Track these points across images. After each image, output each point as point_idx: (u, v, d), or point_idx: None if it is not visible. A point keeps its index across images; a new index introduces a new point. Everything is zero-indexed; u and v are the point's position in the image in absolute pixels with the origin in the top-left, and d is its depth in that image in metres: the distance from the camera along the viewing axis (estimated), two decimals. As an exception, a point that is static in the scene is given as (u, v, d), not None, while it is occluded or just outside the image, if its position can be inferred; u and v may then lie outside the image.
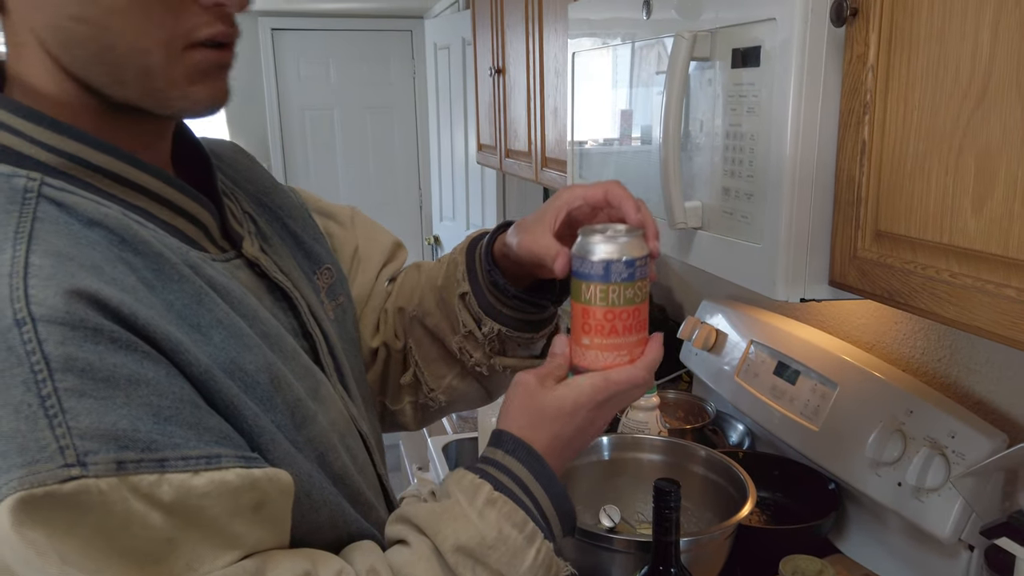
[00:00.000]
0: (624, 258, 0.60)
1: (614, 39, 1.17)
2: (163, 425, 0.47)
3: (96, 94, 0.55)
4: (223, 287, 0.57)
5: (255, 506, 0.51)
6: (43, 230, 0.49)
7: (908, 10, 0.64)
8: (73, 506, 0.44)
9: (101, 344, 0.46)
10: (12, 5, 0.52)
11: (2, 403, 0.44)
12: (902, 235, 0.67)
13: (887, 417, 1.06)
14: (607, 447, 1.21)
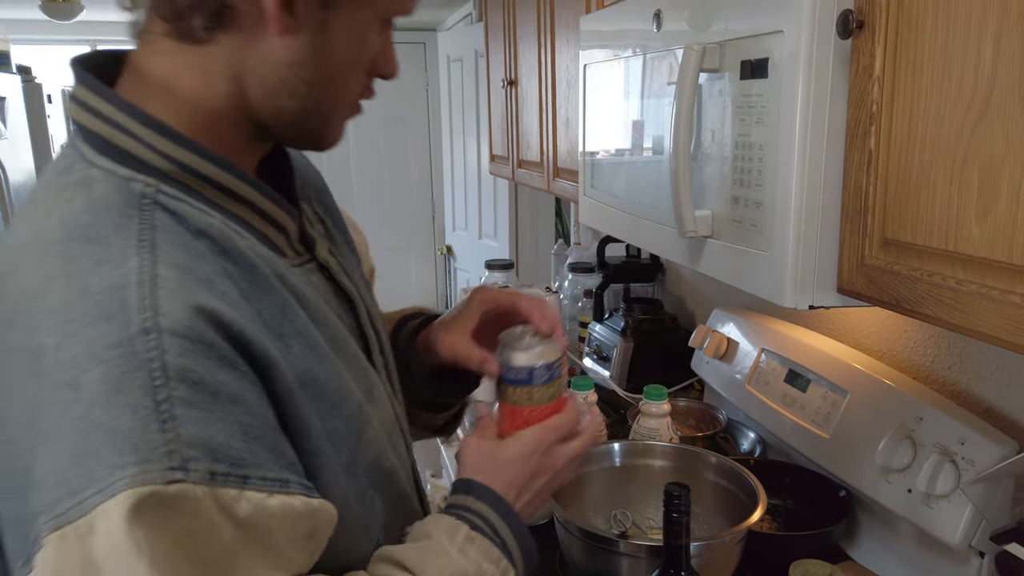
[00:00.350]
0: (542, 363, 0.71)
1: (625, 51, 1.19)
2: (250, 444, 0.50)
3: (254, 126, 0.61)
4: (303, 295, 0.61)
5: (308, 534, 0.54)
6: (163, 240, 0.52)
7: (912, 24, 0.66)
8: (171, 508, 0.46)
9: (212, 360, 0.50)
10: (228, 46, 0.57)
11: (121, 403, 0.47)
12: (908, 243, 0.69)
13: (897, 424, 1.07)
14: (618, 453, 1.22)
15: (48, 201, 0.55)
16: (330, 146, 0.65)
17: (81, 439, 0.46)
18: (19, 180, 2.95)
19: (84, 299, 0.49)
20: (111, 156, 0.56)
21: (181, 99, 0.58)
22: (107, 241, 0.52)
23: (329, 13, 0.58)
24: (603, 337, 1.90)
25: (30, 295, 0.50)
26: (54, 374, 0.48)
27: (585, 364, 1.95)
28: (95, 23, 4.47)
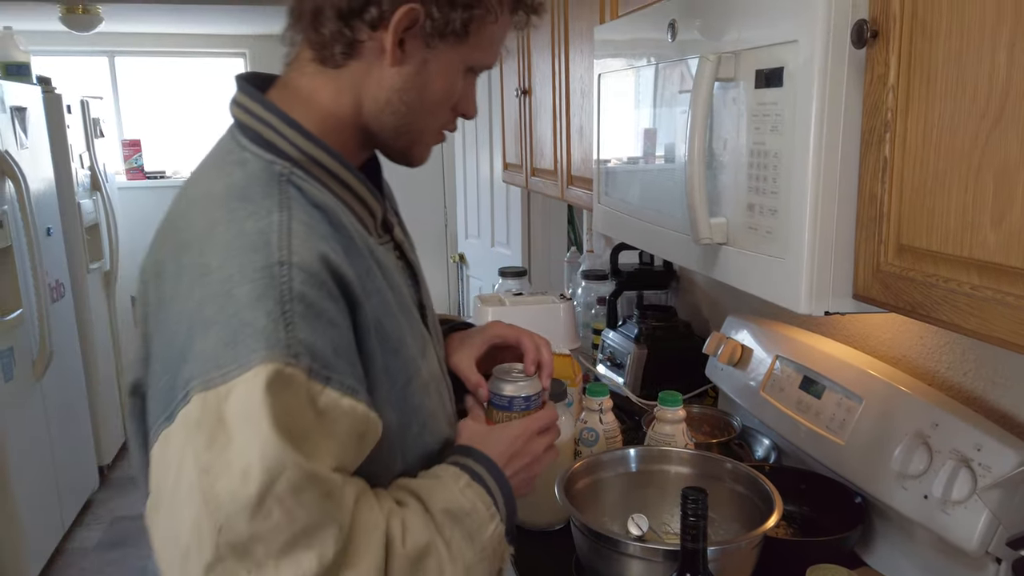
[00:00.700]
0: (522, 395, 0.89)
1: (639, 60, 1.20)
2: (337, 357, 0.68)
3: (365, 135, 0.81)
4: (383, 265, 0.79)
5: (361, 435, 0.71)
6: (296, 205, 0.72)
7: (926, 33, 0.67)
8: (284, 385, 0.64)
9: (323, 292, 0.68)
10: (354, 70, 0.77)
11: (261, 308, 0.65)
12: (924, 249, 0.69)
13: (913, 430, 1.07)
14: (634, 459, 1.23)
15: (213, 172, 0.76)
16: (417, 163, 0.86)
17: (230, 330, 0.64)
18: (39, 189, 2.99)
19: (240, 237, 0.68)
20: (260, 145, 0.76)
21: (317, 108, 0.78)
22: (257, 201, 0.71)
23: (430, 54, 0.77)
24: (617, 344, 1.90)
25: (201, 230, 0.70)
26: (215, 285, 0.66)
27: (599, 371, 1.95)
28: (113, 34, 4.54)
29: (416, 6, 0.73)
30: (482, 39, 0.79)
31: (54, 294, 3.09)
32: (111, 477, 3.70)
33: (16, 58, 3.24)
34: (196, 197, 0.75)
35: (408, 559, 0.71)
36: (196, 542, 0.63)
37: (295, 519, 0.64)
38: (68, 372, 3.21)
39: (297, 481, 0.63)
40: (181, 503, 0.64)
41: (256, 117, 0.77)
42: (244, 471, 0.62)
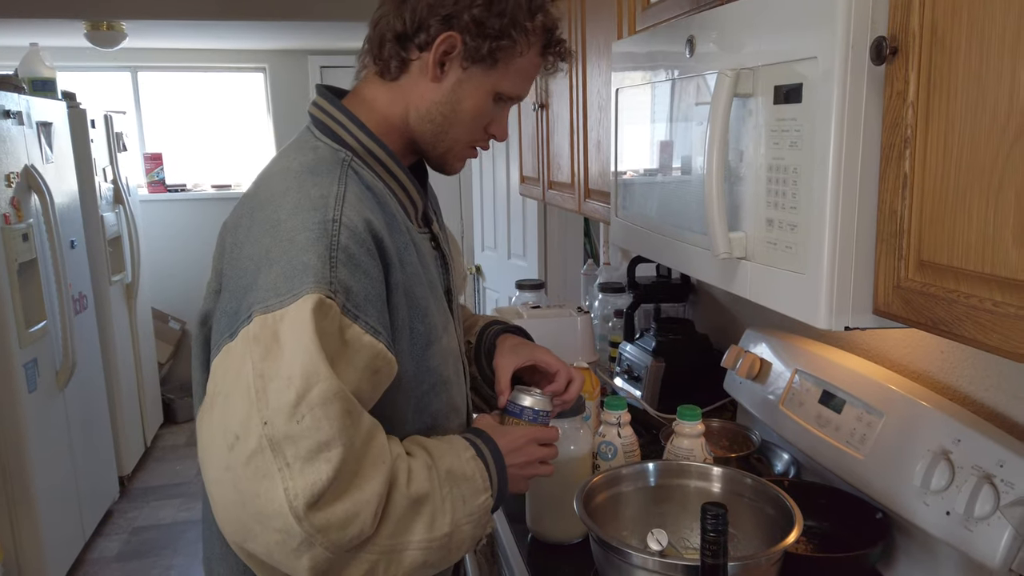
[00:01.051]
0: (533, 408, 1.06)
1: (657, 75, 1.21)
2: (367, 302, 0.84)
3: (410, 138, 0.98)
4: (419, 246, 0.96)
5: (376, 369, 0.85)
6: (352, 182, 0.89)
7: (946, 50, 0.67)
8: (325, 312, 0.79)
9: (363, 248, 0.84)
10: (405, 83, 0.96)
11: (314, 251, 0.81)
12: (945, 265, 0.69)
13: (934, 446, 1.06)
14: (653, 473, 1.23)
15: (292, 153, 0.94)
16: (451, 171, 1.02)
17: (290, 267, 0.81)
18: (63, 202, 3.04)
19: (306, 199, 0.85)
20: (330, 137, 0.95)
21: (376, 111, 0.97)
22: (323, 176, 0.88)
23: (464, 76, 0.94)
24: (634, 357, 1.90)
25: (276, 193, 0.88)
26: (282, 233, 0.83)
27: (616, 384, 1.95)
28: (136, 50, 4.61)
29: (455, 35, 0.91)
30: (510, 69, 0.95)
31: (77, 306, 3.13)
32: (131, 487, 3.73)
33: (42, 74, 3.31)
34: (276, 171, 0.92)
35: (409, 499, 0.84)
36: (244, 432, 0.77)
37: (320, 428, 0.77)
38: (90, 383, 3.25)
39: (327, 392, 0.77)
40: (238, 400, 0.78)
41: (329, 115, 0.96)
42: (289, 377, 0.77)
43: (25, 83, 3.18)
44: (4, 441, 2.59)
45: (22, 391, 2.60)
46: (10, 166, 2.61)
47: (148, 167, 4.92)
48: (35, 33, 3.88)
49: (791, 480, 1.39)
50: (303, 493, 0.76)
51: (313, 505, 0.76)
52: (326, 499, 0.77)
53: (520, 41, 0.93)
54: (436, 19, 0.91)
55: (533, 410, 1.05)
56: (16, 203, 2.64)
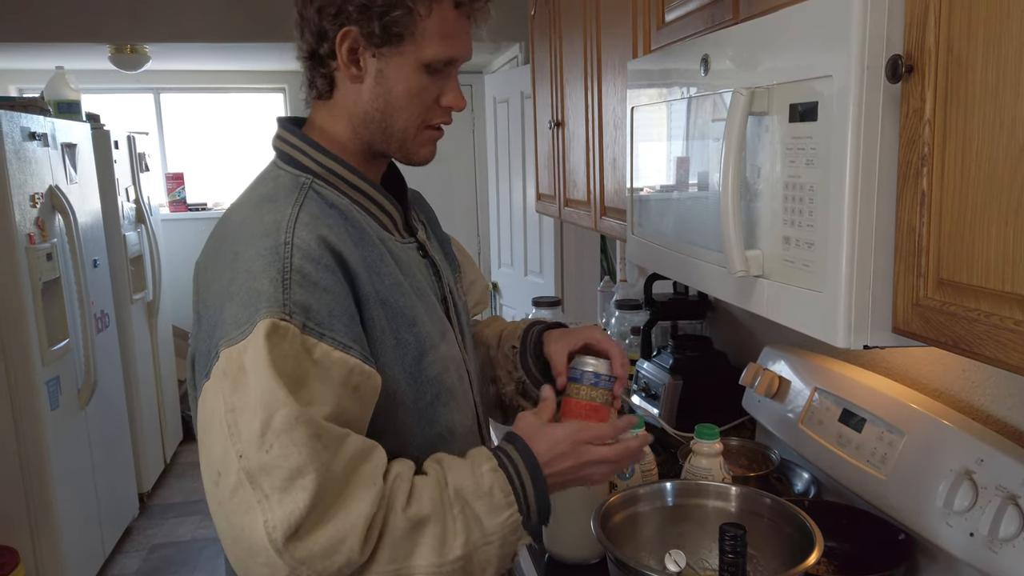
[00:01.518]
0: (591, 370, 1.00)
1: (672, 93, 1.22)
2: (331, 318, 0.82)
3: (367, 145, 0.96)
4: (397, 255, 0.94)
5: (355, 386, 0.82)
6: (308, 204, 0.89)
7: (962, 68, 0.67)
8: (279, 335, 0.78)
9: (318, 264, 0.83)
10: (338, 96, 0.94)
11: (267, 278, 0.80)
12: (964, 283, 0.69)
13: (957, 466, 1.05)
14: (671, 493, 1.22)
15: (254, 187, 0.95)
16: (420, 160, 0.98)
17: (247, 297, 0.80)
18: (87, 222, 3.09)
19: (259, 227, 0.85)
20: (291, 164, 0.95)
21: (327, 132, 0.96)
22: (280, 202, 0.88)
23: (381, 64, 0.90)
24: (651, 375, 1.89)
25: (234, 226, 0.89)
26: (240, 264, 0.83)
27: (633, 402, 1.94)
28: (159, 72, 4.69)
29: (349, 28, 0.89)
30: (423, 36, 0.90)
31: (99, 324, 3.17)
32: (151, 504, 3.75)
33: (67, 96, 3.37)
34: (237, 205, 0.94)
35: (408, 521, 0.79)
36: (224, 467, 0.77)
37: (289, 455, 0.74)
38: (111, 400, 3.28)
39: (288, 418, 0.75)
40: (215, 436, 0.78)
41: (290, 144, 0.96)
42: (255, 407, 0.75)
43: (51, 105, 3.24)
44: (26, 458, 2.62)
45: (44, 409, 2.63)
46: (35, 187, 2.66)
47: (170, 186, 4.99)
48: (61, 56, 3.96)
49: (811, 500, 1.37)
50: (281, 525, 0.74)
51: (292, 536, 0.74)
52: (305, 528, 0.75)
53: (416, 5, 0.88)
54: (328, 22, 0.89)
55: (595, 374, 1.00)
56: (41, 223, 2.68)
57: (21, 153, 2.58)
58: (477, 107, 4.83)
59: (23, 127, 2.61)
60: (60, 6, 3.44)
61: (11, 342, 2.55)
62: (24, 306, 2.54)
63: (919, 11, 0.71)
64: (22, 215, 2.55)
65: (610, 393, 1.01)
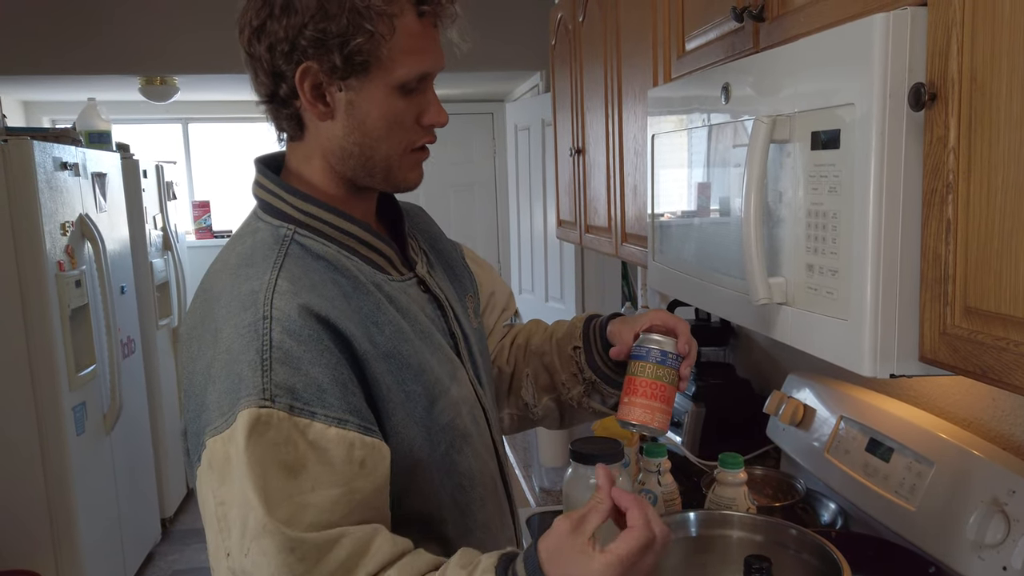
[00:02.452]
0: (656, 348, 0.94)
1: (693, 121, 1.22)
2: (320, 393, 0.75)
3: (349, 183, 0.89)
4: (395, 299, 0.87)
5: (361, 461, 0.75)
6: (289, 262, 0.82)
7: (986, 96, 0.67)
8: (263, 424, 0.72)
9: (300, 338, 0.76)
10: (309, 136, 0.87)
11: (246, 361, 0.74)
12: (992, 312, 0.68)
13: (987, 497, 1.02)
14: (694, 523, 1.20)
15: (233, 243, 0.88)
16: (406, 187, 0.91)
17: (229, 381, 0.74)
18: (115, 249, 3.14)
19: (237, 299, 0.79)
20: (271, 214, 0.88)
21: (304, 175, 0.89)
22: (258, 265, 0.81)
23: (350, 95, 0.83)
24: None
25: (215, 295, 0.82)
26: (221, 343, 0.77)
27: (656, 429, 1.93)
28: (188, 103, 4.79)
29: (308, 63, 0.81)
30: (387, 59, 0.81)
31: (125, 350, 3.21)
32: (173, 530, 3.76)
33: (98, 127, 3.45)
34: (217, 269, 0.87)
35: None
36: (216, 562, 0.74)
37: (260, 566, 0.70)
38: (135, 426, 3.31)
39: (258, 527, 0.70)
40: (209, 528, 0.75)
41: (268, 191, 0.89)
42: (239, 505, 0.72)
43: (82, 136, 3.32)
44: (51, 482, 2.64)
45: (71, 434, 2.66)
46: (65, 215, 2.71)
47: (196, 214, 5.07)
48: (93, 88, 4.06)
49: (838, 531, 1.34)
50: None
51: None
52: None
53: (377, 27, 0.79)
54: (282, 61, 0.81)
55: (661, 351, 0.93)
56: (70, 251, 2.73)
57: (53, 182, 2.64)
58: (499, 135, 4.87)
59: (55, 157, 2.67)
60: (92, 40, 3.54)
61: (39, 367, 2.59)
62: (52, 332, 2.58)
63: (941, 40, 0.71)
64: (52, 243, 2.60)
65: (676, 373, 0.95)
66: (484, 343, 1.05)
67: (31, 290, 2.54)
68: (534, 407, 1.12)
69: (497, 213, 5.00)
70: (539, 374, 1.12)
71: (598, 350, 1.06)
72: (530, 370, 1.12)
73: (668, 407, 0.94)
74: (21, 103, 4.84)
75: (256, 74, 0.85)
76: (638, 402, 0.93)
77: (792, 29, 0.99)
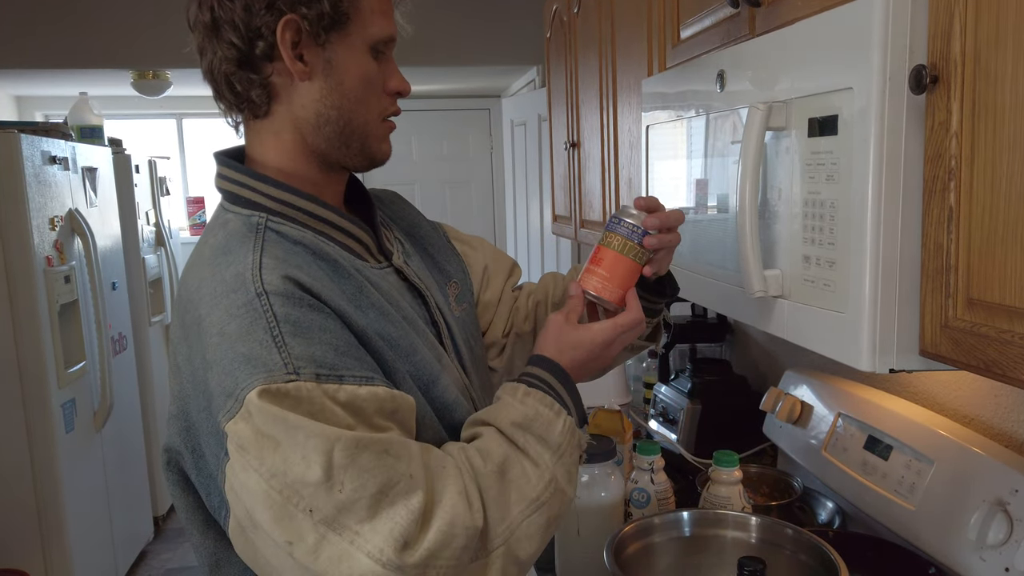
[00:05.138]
0: (624, 219, 0.91)
1: (688, 111, 1.19)
2: (340, 357, 0.74)
3: (321, 160, 0.86)
4: (377, 283, 0.85)
5: (392, 411, 0.76)
6: (268, 245, 0.79)
7: (991, 79, 0.64)
8: (292, 397, 0.70)
9: (303, 307, 0.74)
10: (278, 108, 0.84)
11: (253, 340, 0.72)
12: (997, 303, 0.65)
13: (990, 496, 1.00)
14: (688, 523, 1.18)
15: (207, 237, 0.85)
16: (381, 159, 0.90)
17: (229, 363, 0.72)
18: (106, 245, 3.11)
19: (221, 284, 0.76)
20: (240, 204, 0.85)
21: (272, 158, 0.86)
22: (235, 252, 0.79)
23: (328, 52, 0.82)
24: (669, 399, 1.85)
25: (193, 289, 0.79)
26: (210, 329, 0.74)
27: (651, 427, 1.90)
28: (181, 98, 4.76)
29: (289, 16, 0.79)
30: (365, 14, 0.83)
31: (117, 346, 3.18)
32: (165, 528, 3.73)
33: (90, 122, 3.42)
34: (192, 263, 0.84)
35: (493, 474, 0.78)
36: (296, 535, 0.70)
37: (365, 483, 0.70)
38: (127, 423, 3.28)
39: (350, 448, 0.70)
40: (264, 511, 0.70)
41: (233, 181, 0.86)
42: (303, 458, 0.69)
43: (73, 131, 3.28)
44: (39, 481, 2.61)
45: (59, 431, 2.63)
46: (54, 210, 2.68)
47: (190, 210, 5.04)
48: (84, 82, 4.02)
49: (836, 531, 1.32)
50: (388, 546, 0.69)
51: (405, 548, 0.70)
52: (413, 534, 0.70)
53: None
54: (261, 16, 0.79)
55: (628, 223, 0.91)
56: (59, 246, 2.70)
57: (41, 176, 2.60)
58: (495, 130, 4.85)
59: (44, 151, 2.64)
60: (84, 33, 3.50)
61: (27, 364, 2.55)
62: (40, 328, 2.55)
63: (944, 20, 0.68)
64: (40, 238, 2.56)
65: (642, 249, 0.91)
66: (470, 330, 1.02)
67: (19, 285, 2.51)
68: None
69: (494, 209, 4.97)
70: None
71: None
72: None
73: (626, 282, 0.92)
74: (14, 98, 4.81)
75: (218, 38, 0.81)
76: (597, 272, 0.92)
77: (789, 13, 0.96)
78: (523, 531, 0.77)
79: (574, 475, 0.84)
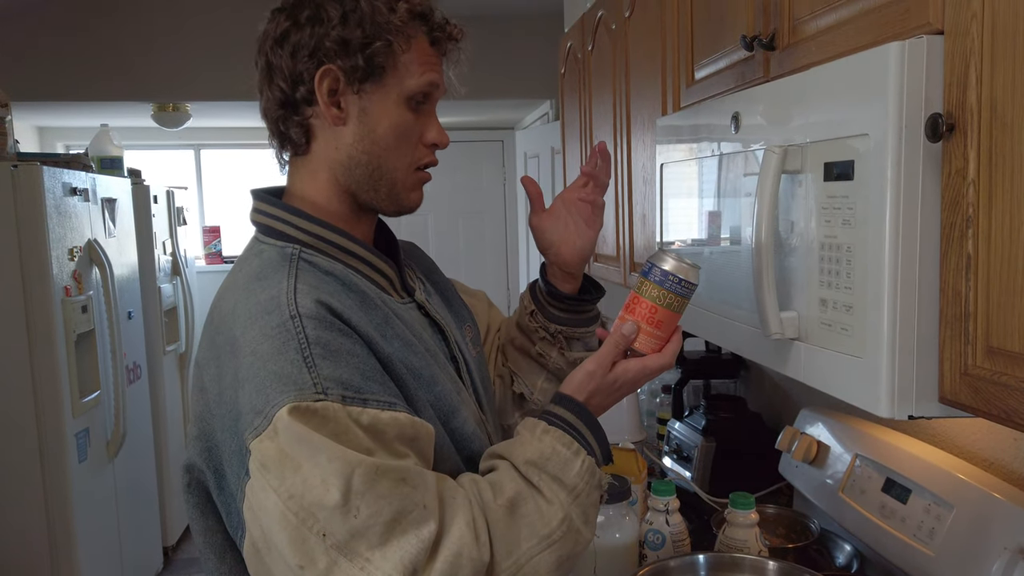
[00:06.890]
0: (660, 267, 0.87)
1: (702, 150, 1.20)
2: (366, 381, 0.77)
3: (352, 200, 0.91)
4: (401, 316, 0.89)
5: (411, 438, 0.78)
6: (302, 273, 0.83)
7: (1007, 127, 0.64)
8: (319, 416, 0.73)
9: (333, 331, 0.78)
10: (316, 147, 0.90)
11: (285, 359, 0.75)
12: (1017, 352, 0.64)
13: (1011, 543, 0.98)
14: (704, 567, 1.16)
15: (241, 265, 0.89)
16: (408, 207, 0.93)
17: (261, 381, 0.74)
18: (123, 274, 3.14)
19: (256, 306, 0.79)
20: (273, 236, 0.89)
21: (308, 194, 0.91)
22: (270, 278, 0.83)
23: (363, 102, 0.87)
24: (683, 436, 1.83)
25: (228, 311, 0.82)
26: (243, 349, 0.77)
27: (665, 464, 1.88)
28: (199, 129, 4.83)
29: (328, 66, 0.85)
30: (401, 69, 0.87)
31: (131, 376, 3.19)
32: (175, 559, 3.71)
33: (110, 153, 3.47)
34: (225, 289, 0.88)
35: (503, 508, 0.78)
36: (308, 559, 0.71)
37: (381, 510, 0.71)
38: (139, 453, 3.28)
39: (369, 474, 0.71)
40: (280, 532, 0.72)
41: (269, 215, 0.90)
42: (322, 481, 0.71)
43: (94, 162, 3.33)
44: (51, 510, 2.61)
45: (72, 461, 2.63)
46: (74, 240, 2.71)
47: (206, 239, 5.08)
48: (106, 114, 4.10)
49: (854, 575, 1.29)
50: (397, 573, 0.70)
51: (413, 574, 0.71)
52: (421, 562, 0.72)
53: (395, 38, 0.86)
54: (303, 63, 0.85)
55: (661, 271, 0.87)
56: (77, 276, 2.73)
57: (61, 208, 2.64)
58: (508, 162, 4.88)
59: (64, 183, 2.68)
60: (106, 67, 3.58)
61: (43, 393, 2.56)
62: (57, 357, 2.57)
63: (959, 69, 0.69)
64: (60, 268, 2.59)
65: (680, 299, 0.88)
66: (484, 372, 1.05)
67: (37, 315, 2.53)
68: (531, 395, 1.12)
69: (506, 240, 4.98)
70: (518, 360, 1.13)
71: (549, 301, 1.08)
72: (511, 363, 1.14)
73: (666, 331, 0.89)
74: (36, 129, 4.90)
75: (271, 81, 0.88)
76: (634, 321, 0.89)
77: (803, 58, 0.97)
78: (531, 568, 0.77)
79: (592, 516, 0.83)
